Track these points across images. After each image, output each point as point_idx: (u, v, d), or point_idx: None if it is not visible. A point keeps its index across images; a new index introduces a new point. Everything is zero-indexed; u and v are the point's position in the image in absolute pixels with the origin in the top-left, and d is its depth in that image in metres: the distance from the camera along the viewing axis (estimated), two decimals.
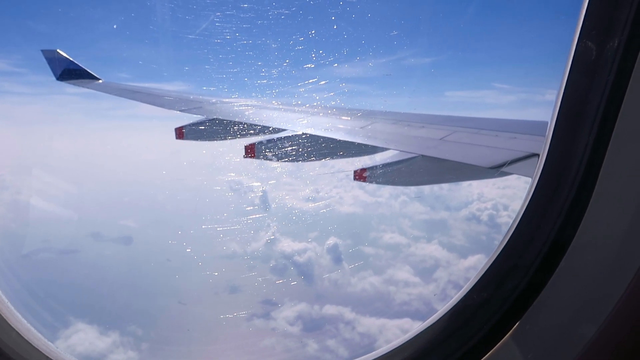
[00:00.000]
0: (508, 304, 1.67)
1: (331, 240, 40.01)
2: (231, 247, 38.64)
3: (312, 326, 29.89)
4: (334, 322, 30.14)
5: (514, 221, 1.70)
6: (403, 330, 28.70)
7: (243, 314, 30.37)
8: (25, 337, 1.78)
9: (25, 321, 1.82)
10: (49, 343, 1.83)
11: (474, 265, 37.34)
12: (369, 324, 30.03)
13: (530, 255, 1.64)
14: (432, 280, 36.44)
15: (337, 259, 39.36)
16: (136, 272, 34.93)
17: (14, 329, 1.76)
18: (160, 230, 43.13)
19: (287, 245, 39.61)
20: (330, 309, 31.11)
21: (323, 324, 30.22)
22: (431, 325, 1.79)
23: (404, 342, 1.80)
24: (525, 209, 1.66)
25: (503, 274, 1.72)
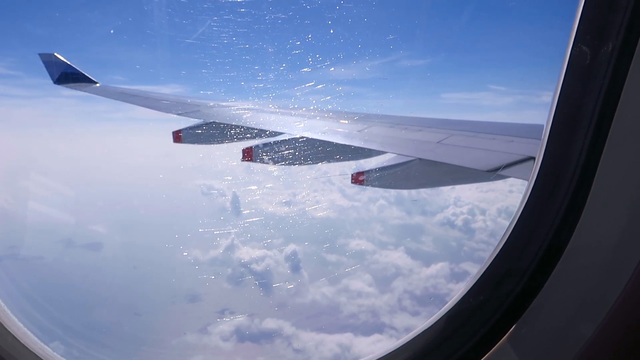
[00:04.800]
0: (504, 307, 1.67)
1: (292, 248, 38.85)
2: (197, 254, 37.92)
3: (247, 341, 28.60)
4: (270, 337, 28.96)
5: (510, 224, 1.71)
6: (341, 346, 27.91)
7: (182, 330, 28.87)
8: (21, 340, 1.77)
9: (21, 324, 1.81)
10: (45, 346, 1.82)
11: (435, 274, 36.45)
12: (307, 339, 28.65)
13: (527, 258, 1.64)
14: (387, 291, 35.10)
15: (296, 268, 38.10)
16: (100, 281, 33.60)
17: (9, 332, 1.76)
18: (132, 236, 42.06)
19: (249, 252, 38.52)
20: (270, 323, 29.74)
21: (258, 339, 29.07)
22: (427, 329, 1.78)
23: (399, 346, 1.80)
24: (522, 212, 1.67)
25: (499, 277, 1.72)
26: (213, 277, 36.69)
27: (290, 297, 35.03)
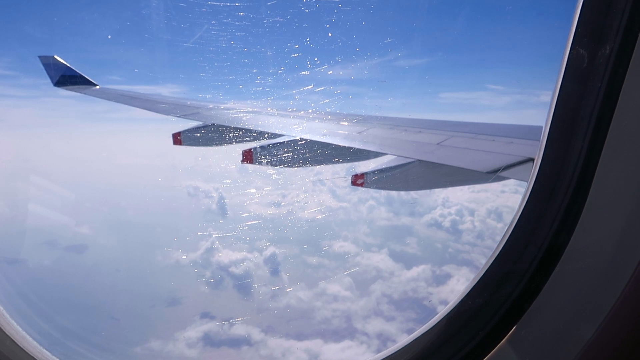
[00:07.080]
0: (504, 309, 1.67)
1: (278, 251, 38.42)
2: (184, 257, 37.68)
3: (212, 349, 27.79)
4: (236, 344, 28.31)
5: (509, 226, 1.71)
6: (309, 353, 27.27)
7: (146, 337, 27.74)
8: (20, 345, 1.76)
9: (20, 328, 1.81)
10: (44, 350, 1.82)
11: (415, 277, 35.51)
12: (275, 346, 27.96)
13: (526, 260, 1.64)
14: (365, 294, 34.27)
15: (275, 271, 37.63)
16: (80, 284, 32.86)
17: (8, 337, 1.75)
18: (118, 238, 41.70)
19: (234, 255, 37.85)
20: (238, 329, 29.01)
21: (230, 344, 28.32)
22: (427, 332, 1.78)
23: (399, 348, 1.80)
24: (521, 214, 1.67)
25: (499, 279, 1.72)
26: (197, 279, 36.42)
27: (267, 302, 34.52)
